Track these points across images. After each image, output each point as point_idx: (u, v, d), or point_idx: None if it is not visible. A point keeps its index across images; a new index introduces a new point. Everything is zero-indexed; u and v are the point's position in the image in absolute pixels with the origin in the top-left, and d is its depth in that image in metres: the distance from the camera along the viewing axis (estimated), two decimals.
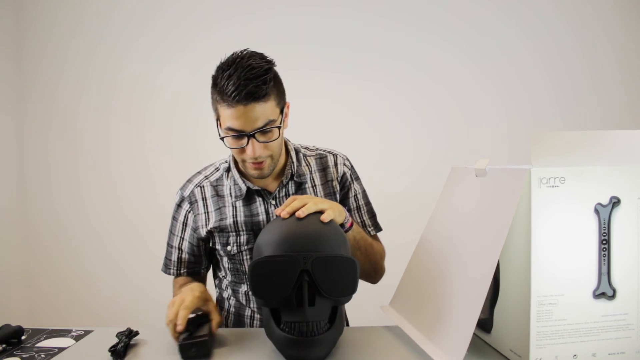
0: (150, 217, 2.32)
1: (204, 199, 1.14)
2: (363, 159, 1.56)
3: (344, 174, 1.20)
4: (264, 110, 0.96)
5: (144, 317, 2.27)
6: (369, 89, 2.37)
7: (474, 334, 0.78)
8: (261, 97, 0.94)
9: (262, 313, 1.09)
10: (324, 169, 1.19)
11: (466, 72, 2.38)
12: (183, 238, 1.15)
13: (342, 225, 0.99)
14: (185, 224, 1.15)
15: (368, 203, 1.23)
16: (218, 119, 1.01)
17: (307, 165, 1.17)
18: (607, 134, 0.76)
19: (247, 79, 0.93)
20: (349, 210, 1.19)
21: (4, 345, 0.86)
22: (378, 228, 1.22)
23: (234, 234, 1.10)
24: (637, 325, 0.75)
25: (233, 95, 0.93)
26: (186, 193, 1.15)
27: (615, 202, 0.73)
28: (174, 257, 1.16)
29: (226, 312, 1.19)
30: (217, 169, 1.17)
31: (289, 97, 1.06)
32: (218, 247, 1.12)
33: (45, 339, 0.92)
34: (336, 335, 0.82)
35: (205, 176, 1.17)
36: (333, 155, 1.21)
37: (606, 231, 0.74)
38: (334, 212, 0.91)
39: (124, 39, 2.35)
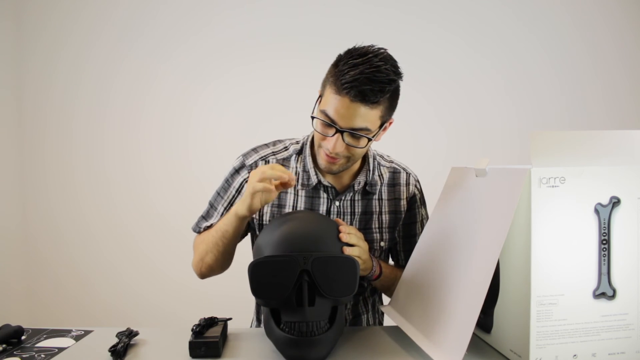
0: (147, 219, 2.32)
1: None
2: None
3: (414, 195, 1.16)
4: (366, 115, 0.92)
5: (143, 317, 2.28)
6: None
7: (474, 334, 0.78)
8: (370, 102, 0.91)
9: None
10: (394, 184, 1.14)
11: (467, 71, 2.37)
12: (232, 204, 1.08)
13: (362, 277, 0.97)
14: (239, 192, 1.09)
15: None
16: (320, 97, 0.98)
17: (379, 175, 1.13)
18: (607, 134, 0.76)
19: (368, 79, 0.89)
20: (413, 236, 1.16)
21: (4, 345, 0.86)
22: None
23: None
24: (637, 325, 0.75)
25: (345, 85, 0.89)
26: (248, 161, 1.08)
27: (615, 202, 0.73)
28: (213, 220, 1.09)
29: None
30: (286, 148, 1.10)
31: (282, 88, 1.03)
32: None
33: (45, 339, 0.92)
34: (336, 335, 0.82)
35: (273, 152, 1.10)
36: (406, 173, 1.17)
37: (606, 231, 0.74)
38: (359, 252, 0.89)
39: (121, 41, 2.33)
